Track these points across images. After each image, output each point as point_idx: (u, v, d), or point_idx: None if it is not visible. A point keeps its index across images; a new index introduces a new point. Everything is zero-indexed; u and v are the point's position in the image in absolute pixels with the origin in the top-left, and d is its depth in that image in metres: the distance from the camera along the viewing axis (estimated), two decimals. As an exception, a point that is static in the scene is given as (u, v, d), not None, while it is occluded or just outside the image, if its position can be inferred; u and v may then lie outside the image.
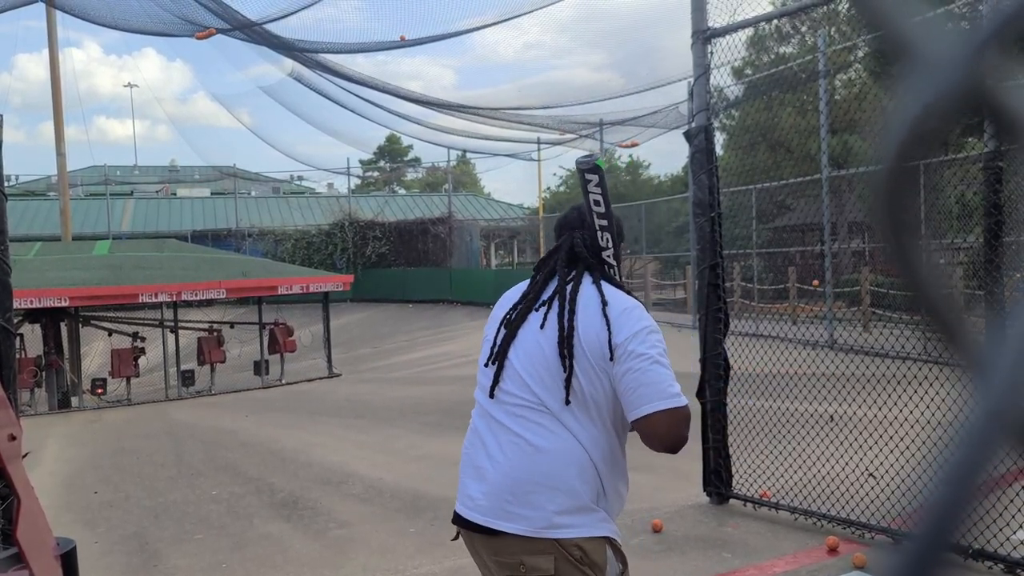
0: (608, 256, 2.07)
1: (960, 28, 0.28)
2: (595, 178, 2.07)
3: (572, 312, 1.96)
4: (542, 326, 1.99)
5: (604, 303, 1.95)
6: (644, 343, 1.89)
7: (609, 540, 1.91)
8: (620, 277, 2.11)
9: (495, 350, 2.04)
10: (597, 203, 2.07)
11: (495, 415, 1.98)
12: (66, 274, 12.17)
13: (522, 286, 2.14)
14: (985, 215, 3.87)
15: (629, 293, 2.06)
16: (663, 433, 1.87)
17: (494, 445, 1.95)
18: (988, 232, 3.88)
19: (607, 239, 2.07)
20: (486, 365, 2.06)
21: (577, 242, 2.08)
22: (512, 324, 2.05)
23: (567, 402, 1.90)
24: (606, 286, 2.01)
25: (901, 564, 0.26)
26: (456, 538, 2.03)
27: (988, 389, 0.25)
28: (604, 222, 2.07)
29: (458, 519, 1.98)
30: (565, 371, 1.91)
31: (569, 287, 2.01)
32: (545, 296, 2.05)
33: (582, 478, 1.88)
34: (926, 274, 0.27)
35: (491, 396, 2.00)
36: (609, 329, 1.90)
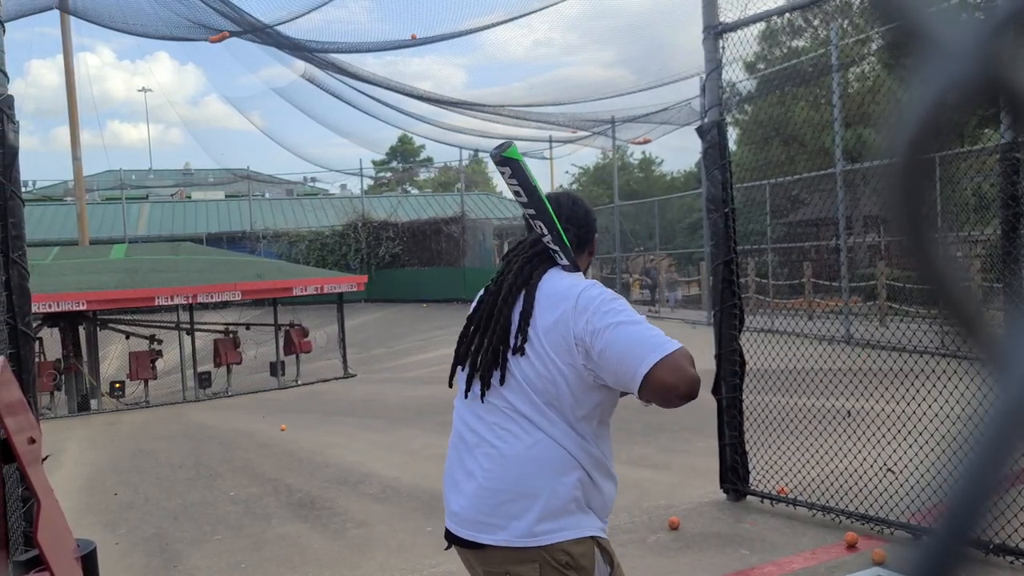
0: (548, 242, 1.97)
1: (975, 16, 0.28)
2: (507, 170, 1.96)
3: (511, 304, 1.93)
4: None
5: (553, 293, 1.90)
6: (604, 316, 1.79)
7: (596, 539, 1.86)
8: (569, 260, 1.98)
9: (460, 352, 2.06)
10: (518, 194, 1.97)
11: (469, 422, 1.98)
12: (84, 278, 12.28)
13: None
14: (1002, 207, 3.83)
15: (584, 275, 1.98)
16: (672, 383, 1.69)
17: (469, 455, 1.93)
18: (1005, 224, 3.84)
19: (540, 226, 1.97)
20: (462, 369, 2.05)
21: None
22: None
23: (502, 382, 1.88)
24: (555, 274, 1.95)
25: (921, 559, 0.26)
26: (448, 548, 2.00)
27: (1007, 383, 0.25)
28: (531, 211, 1.97)
29: (447, 534, 1.97)
30: (509, 351, 1.88)
31: (519, 281, 1.97)
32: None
33: (559, 480, 1.82)
34: (944, 267, 0.27)
35: (465, 397, 2.01)
36: (565, 320, 1.84)
